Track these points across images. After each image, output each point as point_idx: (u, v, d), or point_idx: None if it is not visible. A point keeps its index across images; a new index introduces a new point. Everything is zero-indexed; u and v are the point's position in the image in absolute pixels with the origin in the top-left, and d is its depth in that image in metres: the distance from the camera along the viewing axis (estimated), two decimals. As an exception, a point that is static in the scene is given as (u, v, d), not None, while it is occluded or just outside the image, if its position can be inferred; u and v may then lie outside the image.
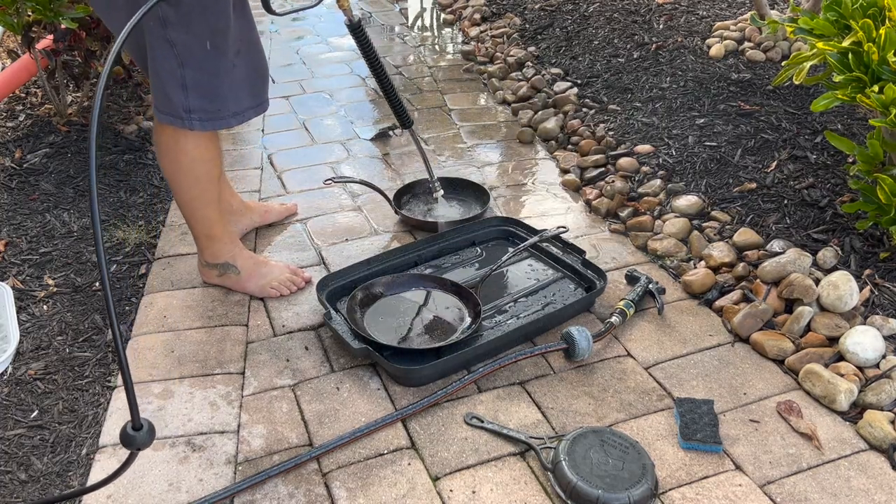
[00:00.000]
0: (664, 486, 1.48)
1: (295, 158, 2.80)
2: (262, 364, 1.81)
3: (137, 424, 1.11)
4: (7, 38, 3.42)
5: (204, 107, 1.75)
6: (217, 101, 1.76)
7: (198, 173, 1.86)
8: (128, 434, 1.11)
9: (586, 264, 2.06)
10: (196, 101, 1.74)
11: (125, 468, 1.18)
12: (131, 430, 1.11)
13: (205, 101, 1.75)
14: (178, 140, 1.80)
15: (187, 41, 1.66)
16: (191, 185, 1.87)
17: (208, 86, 1.74)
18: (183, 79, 1.71)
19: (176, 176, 1.87)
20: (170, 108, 1.75)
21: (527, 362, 1.80)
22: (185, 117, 1.75)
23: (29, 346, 1.87)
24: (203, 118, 1.76)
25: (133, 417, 1.12)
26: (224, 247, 2.00)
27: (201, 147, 1.82)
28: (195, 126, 1.76)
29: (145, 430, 1.12)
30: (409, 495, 1.47)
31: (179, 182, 1.87)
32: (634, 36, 3.34)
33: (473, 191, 2.50)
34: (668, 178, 2.40)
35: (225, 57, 1.73)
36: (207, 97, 1.74)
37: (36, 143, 2.70)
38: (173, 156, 1.83)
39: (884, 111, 1.79)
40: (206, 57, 1.70)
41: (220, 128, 1.81)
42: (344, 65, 3.74)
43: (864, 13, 1.89)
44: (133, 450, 1.12)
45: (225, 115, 1.79)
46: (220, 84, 1.75)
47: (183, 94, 1.72)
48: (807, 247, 2.00)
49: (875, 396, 1.63)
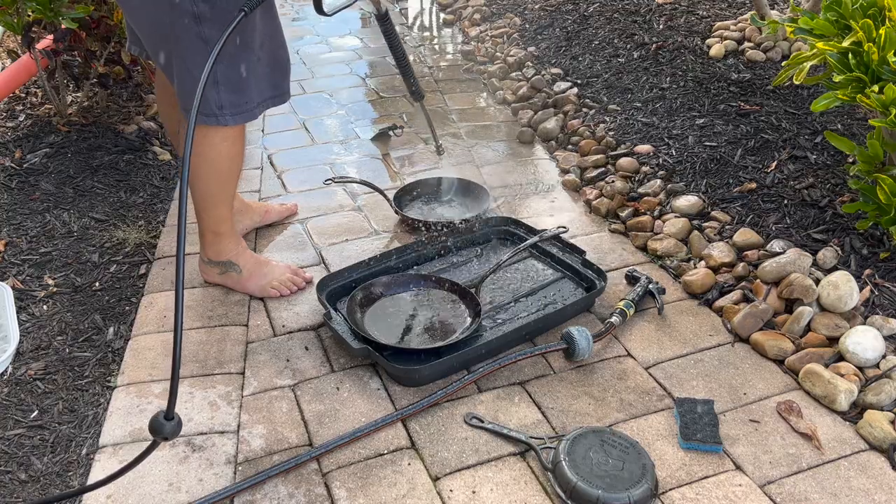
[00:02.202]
0: (664, 486, 1.48)
1: (295, 158, 2.80)
2: (262, 364, 1.81)
3: (170, 415, 1.13)
4: (7, 38, 3.42)
5: (233, 101, 1.77)
6: (245, 94, 1.78)
7: (221, 168, 1.87)
8: (158, 422, 1.12)
9: (586, 264, 2.06)
10: (226, 96, 1.75)
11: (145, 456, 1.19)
12: (163, 419, 1.12)
13: (234, 95, 1.76)
14: (206, 134, 1.80)
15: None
16: (212, 181, 1.88)
17: (237, 80, 1.76)
18: (215, 75, 1.72)
19: (198, 171, 1.87)
20: (204, 108, 1.75)
21: (527, 362, 1.80)
22: (219, 114, 1.77)
23: (29, 346, 1.87)
24: (234, 112, 1.78)
25: (169, 407, 1.13)
26: (228, 245, 2.00)
27: (229, 142, 1.84)
28: (229, 121, 1.78)
29: (175, 421, 1.13)
30: (409, 495, 1.47)
31: (201, 178, 1.88)
32: (634, 36, 3.34)
33: (473, 191, 2.50)
34: (668, 178, 2.40)
35: (251, 51, 1.76)
36: (236, 91, 1.76)
37: (36, 143, 2.70)
38: (199, 149, 1.83)
39: (884, 111, 1.79)
40: (236, 52, 1.72)
41: (248, 120, 1.83)
42: (344, 65, 3.74)
43: (864, 13, 1.89)
44: (160, 439, 1.13)
45: (251, 107, 1.81)
46: (248, 78, 1.77)
47: (215, 91, 1.74)
48: (807, 247, 2.00)
49: (875, 396, 1.63)
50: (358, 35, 4.17)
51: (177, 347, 1.12)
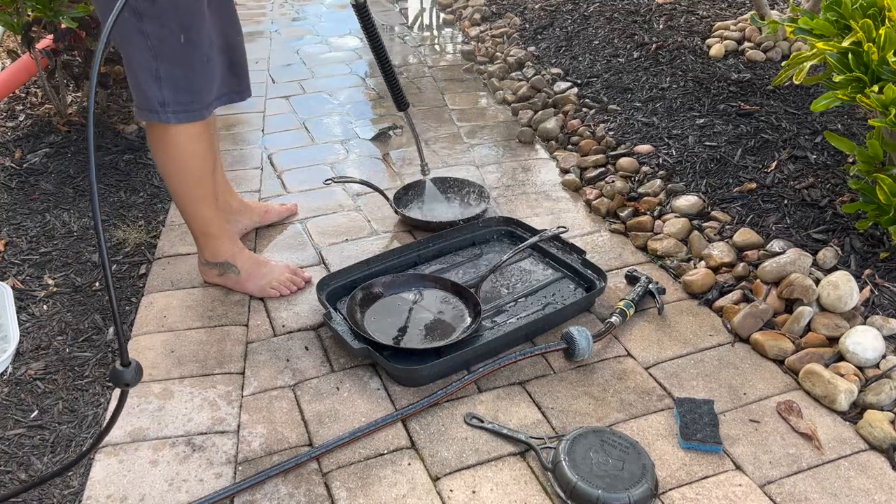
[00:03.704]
0: (664, 486, 1.48)
1: (295, 158, 2.80)
2: (262, 364, 1.81)
3: (126, 361, 1.13)
4: (7, 38, 3.42)
5: (178, 99, 1.74)
6: (190, 94, 1.76)
7: (188, 167, 1.85)
8: (116, 370, 1.13)
9: (586, 264, 2.06)
10: (170, 93, 1.73)
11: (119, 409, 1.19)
12: (119, 367, 1.13)
13: (178, 93, 1.74)
14: (167, 133, 1.79)
15: (161, 34, 1.66)
16: (183, 180, 1.87)
17: (182, 79, 1.73)
18: (157, 72, 1.70)
19: (167, 170, 1.86)
20: (145, 104, 1.74)
21: (527, 362, 1.80)
22: (161, 111, 1.74)
23: (29, 346, 1.87)
24: (178, 111, 1.75)
25: (122, 355, 1.14)
26: (223, 245, 2.00)
27: (192, 140, 1.82)
28: (171, 119, 1.75)
29: (133, 366, 1.13)
30: (409, 495, 1.47)
31: (172, 177, 1.87)
32: (634, 36, 3.34)
33: (473, 191, 2.50)
34: (668, 178, 2.40)
35: (198, 50, 1.73)
36: (181, 90, 1.74)
37: (36, 143, 2.70)
38: (163, 149, 1.83)
39: (884, 111, 1.79)
40: (181, 50, 1.70)
41: (195, 119, 1.79)
42: (344, 65, 3.74)
43: (863, 13, 1.89)
44: (122, 386, 1.13)
45: (198, 107, 1.79)
46: (194, 77, 1.75)
47: (157, 87, 1.72)
48: (807, 247, 2.00)
49: (875, 396, 1.63)
50: (358, 35, 4.16)
51: (110, 292, 1.13)
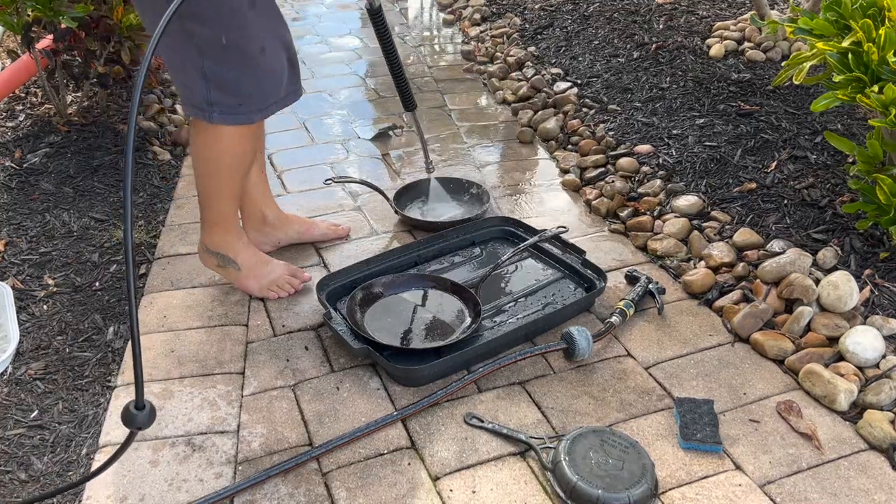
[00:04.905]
0: (664, 486, 1.48)
1: (295, 158, 2.80)
2: (262, 364, 1.81)
3: (140, 404, 1.11)
4: (7, 38, 3.42)
5: (225, 101, 1.73)
6: (239, 97, 1.74)
7: (225, 165, 1.84)
8: (130, 413, 1.11)
9: (586, 264, 2.07)
10: (216, 94, 1.72)
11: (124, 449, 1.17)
12: (133, 409, 1.11)
13: (225, 95, 1.72)
14: (214, 129, 1.78)
15: (203, 33, 1.65)
16: (211, 174, 1.86)
17: (229, 80, 1.71)
18: (204, 69, 1.69)
19: (198, 161, 1.86)
20: (193, 100, 1.74)
21: (527, 362, 1.80)
22: (207, 109, 1.73)
23: (29, 346, 1.87)
24: (224, 111, 1.74)
25: (137, 397, 1.11)
26: (226, 238, 1.97)
27: (236, 140, 1.81)
28: (214, 119, 1.74)
29: (147, 409, 1.11)
30: (409, 495, 1.47)
31: (201, 169, 1.86)
32: (634, 36, 3.34)
33: (473, 191, 2.50)
34: (668, 178, 2.40)
35: (245, 54, 1.71)
36: (228, 92, 1.72)
37: (36, 143, 2.70)
38: (204, 144, 1.81)
39: (884, 111, 1.79)
40: (225, 52, 1.68)
41: (241, 123, 1.77)
42: (344, 65, 3.74)
43: (863, 13, 1.89)
44: (133, 429, 1.12)
45: (246, 111, 1.76)
46: (241, 80, 1.72)
47: (205, 86, 1.71)
48: (807, 247, 2.00)
49: (875, 396, 1.63)
50: (358, 35, 4.17)
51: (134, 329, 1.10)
